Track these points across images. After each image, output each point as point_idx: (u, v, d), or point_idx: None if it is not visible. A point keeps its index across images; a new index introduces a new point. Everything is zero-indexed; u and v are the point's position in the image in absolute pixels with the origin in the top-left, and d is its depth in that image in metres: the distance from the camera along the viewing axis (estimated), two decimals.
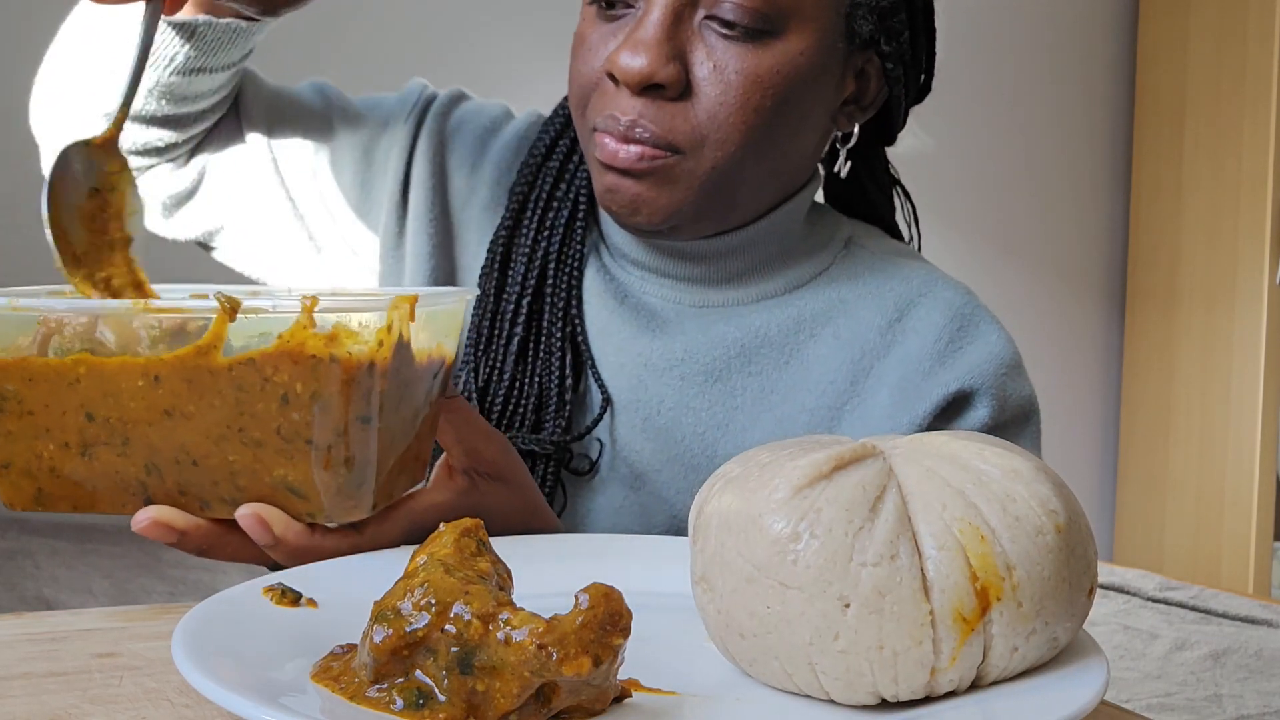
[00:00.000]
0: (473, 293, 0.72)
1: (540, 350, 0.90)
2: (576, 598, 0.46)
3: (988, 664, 0.50)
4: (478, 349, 0.91)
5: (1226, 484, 3.04)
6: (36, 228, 0.67)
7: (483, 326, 0.91)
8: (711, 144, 0.82)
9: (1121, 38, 3.28)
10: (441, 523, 0.69)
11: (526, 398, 0.89)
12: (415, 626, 0.46)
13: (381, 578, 0.53)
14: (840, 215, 0.98)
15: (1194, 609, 2.38)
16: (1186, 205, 3.13)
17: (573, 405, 0.89)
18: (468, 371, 0.91)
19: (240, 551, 0.65)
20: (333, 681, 0.49)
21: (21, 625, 0.60)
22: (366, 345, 0.60)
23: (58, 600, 1.74)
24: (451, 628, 0.46)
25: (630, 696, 0.50)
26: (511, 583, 0.53)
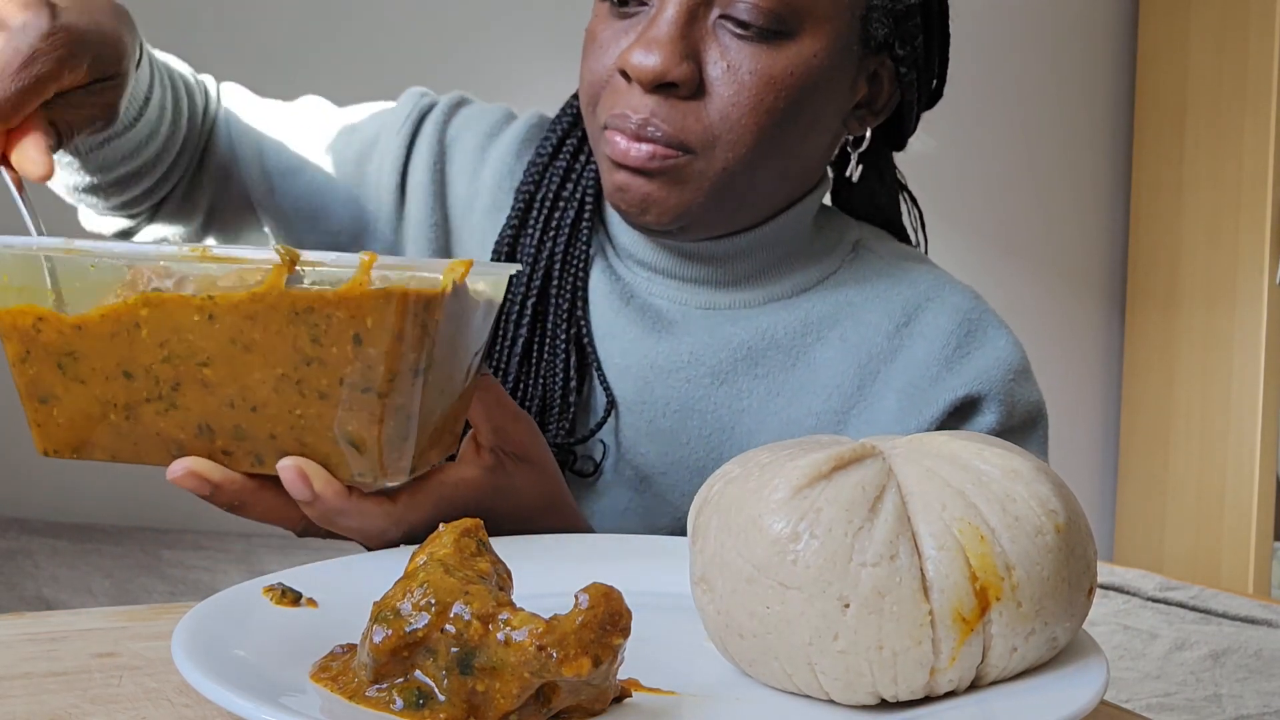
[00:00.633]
0: (516, 267, 0.72)
1: (545, 352, 0.90)
2: (576, 598, 0.46)
3: (987, 664, 0.50)
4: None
5: (1226, 484, 3.04)
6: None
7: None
8: (723, 144, 0.82)
9: (1121, 38, 3.28)
10: (468, 498, 0.69)
11: (531, 399, 0.89)
12: (415, 627, 0.46)
13: (381, 578, 0.53)
14: (849, 218, 0.97)
15: (1194, 609, 2.38)
16: (1186, 205, 3.13)
17: (577, 407, 0.89)
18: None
19: (271, 511, 0.65)
20: (331, 681, 0.49)
21: (21, 625, 0.60)
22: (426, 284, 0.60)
23: (58, 600, 1.74)
24: (451, 628, 0.46)
25: (630, 696, 0.50)
26: (511, 583, 0.53)
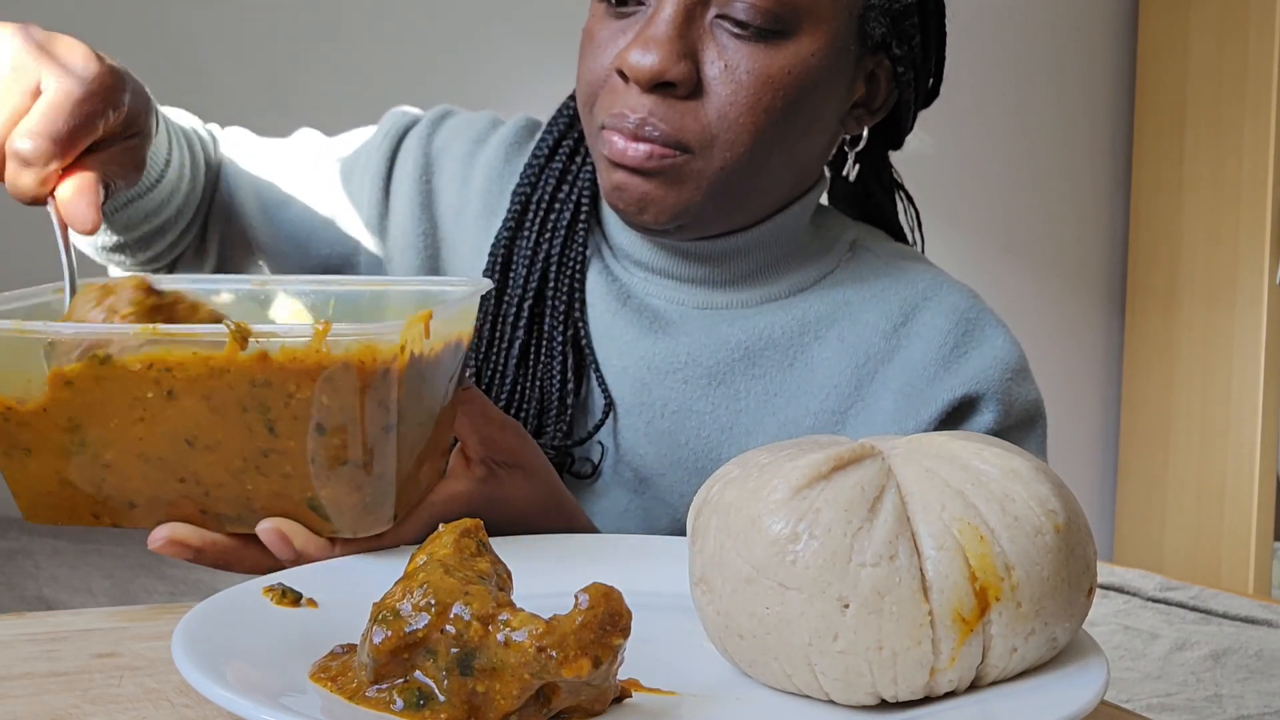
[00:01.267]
0: (488, 285, 0.72)
1: (542, 354, 0.89)
2: (576, 598, 0.46)
3: (987, 664, 0.50)
4: (479, 352, 0.91)
5: (1226, 484, 3.03)
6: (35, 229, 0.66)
7: (484, 330, 0.91)
8: (721, 144, 0.82)
9: (1121, 38, 3.28)
10: (462, 513, 0.69)
11: (528, 402, 0.89)
12: (415, 627, 0.47)
13: (381, 578, 0.53)
14: (846, 218, 0.97)
15: (1194, 609, 2.38)
16: (1186, 205, 3.13)
17: (574, 409, 0.89)
18: (469, 375, 0.90)
19: (258, 566, 0.65)
20: (330, 681, 0.49)
21: (22, 625, 0.60)
22: (384, 353, 0.60)
23: (58, 600, 1.74)
24: (451, 628, 0.46)
25: (630, 696, 0.50)
26: (511, 583, 0.53)
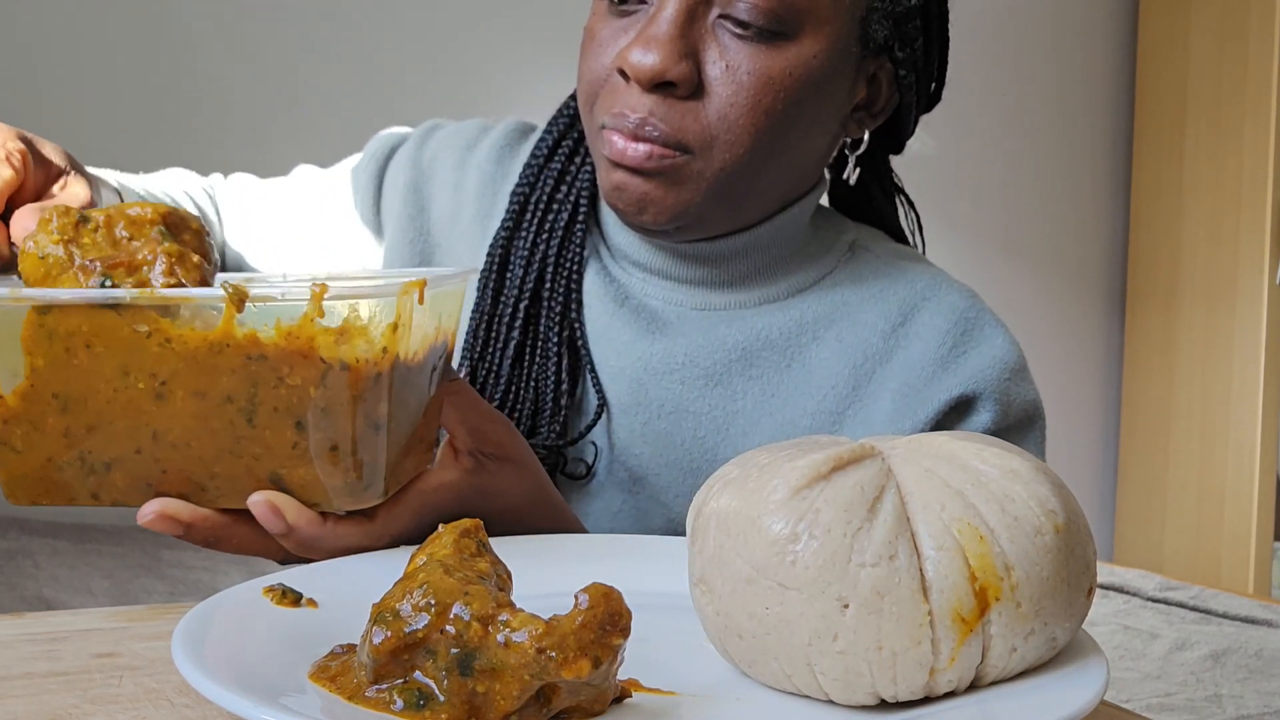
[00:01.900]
0: (475, 271, 0.71)
1: (537, 354, 0.89)
2: (576, 598, 0.46)
3: (987, 664, 0.50)
4: (474, 352, 0.91)
5: (1226, 484, 3.04)
6: None
7: (479, 330, 0.91)
8: (721, 144, 0.81)
9: (1121, 38, 3.28)
10: (450, 502, 0.69)
11: (522, 402, 0.89)
12: (414, 628, 0.47)
13: (381, 578, 0.53)
14: (845, 219, 0.97)
15: (1194, 609, 2.38)
16: (1186, 205, 3.13)
17: (569, 410, 0.89)
18: (464, 374, 0.90)
19: (248, 543, 0.65)
20: (329, 681, 0.49)
21: (22, 625, 0.60)
22: (373, 349, 0.60)
23: (58, 600, 1.74)
24: (451, 629, 0.46)
25: (630, 696, 0.50)
26: (511, 583, 0.53)
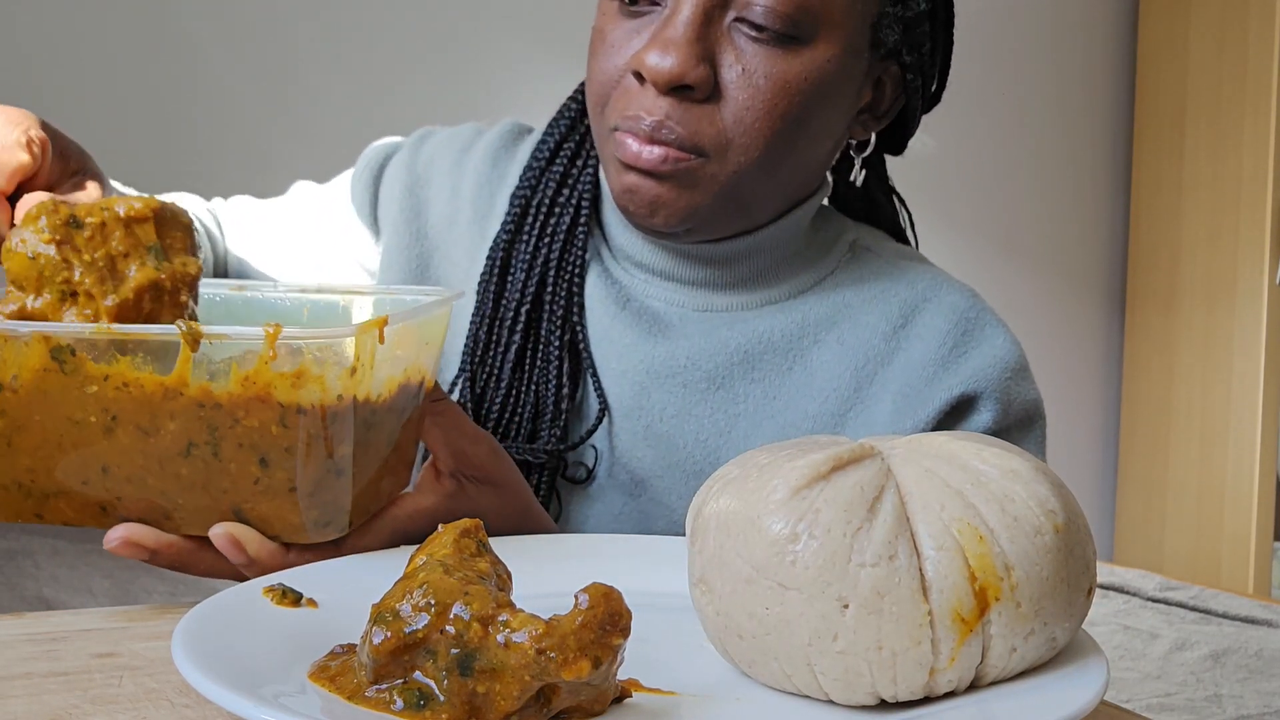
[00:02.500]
0: (457, 295, 0.71)
1: (538, 358, 0.89)
2: (576, 598, 0.46)
3: (986, 664, 0.50)
4: (474, 357, 0.90)
5: (1226, 484, 3.03)
6: None
7: (480, 334, 0.90)
8: (736, 148, 0.81)
9: (1121, 38, 3.28)
10: (425, 529, 0.68)
11: (523, 406, 0.88)
12: (414, 628, 0.47)
13: (381, 578, 0.53)
14: (846, 219, 0.97)
15: (1194, 609, 2.38)
16: (1186, 205, 3.13)
17: (570, 414, 0.88)
18: (463, 380, 0.90)
19: (214, 567, 0.65)
20: (329, 681, 0.49)
21: (22, 625, 0.60)
22: (328, 394, 0.59)
23: (58, 600, 1.74)
24: (451, 629, 0.46)
25: (630, 696, 0.50)
26: (511, 583, 0.53)
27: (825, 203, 0.99)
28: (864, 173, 0.95)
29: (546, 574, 0.63)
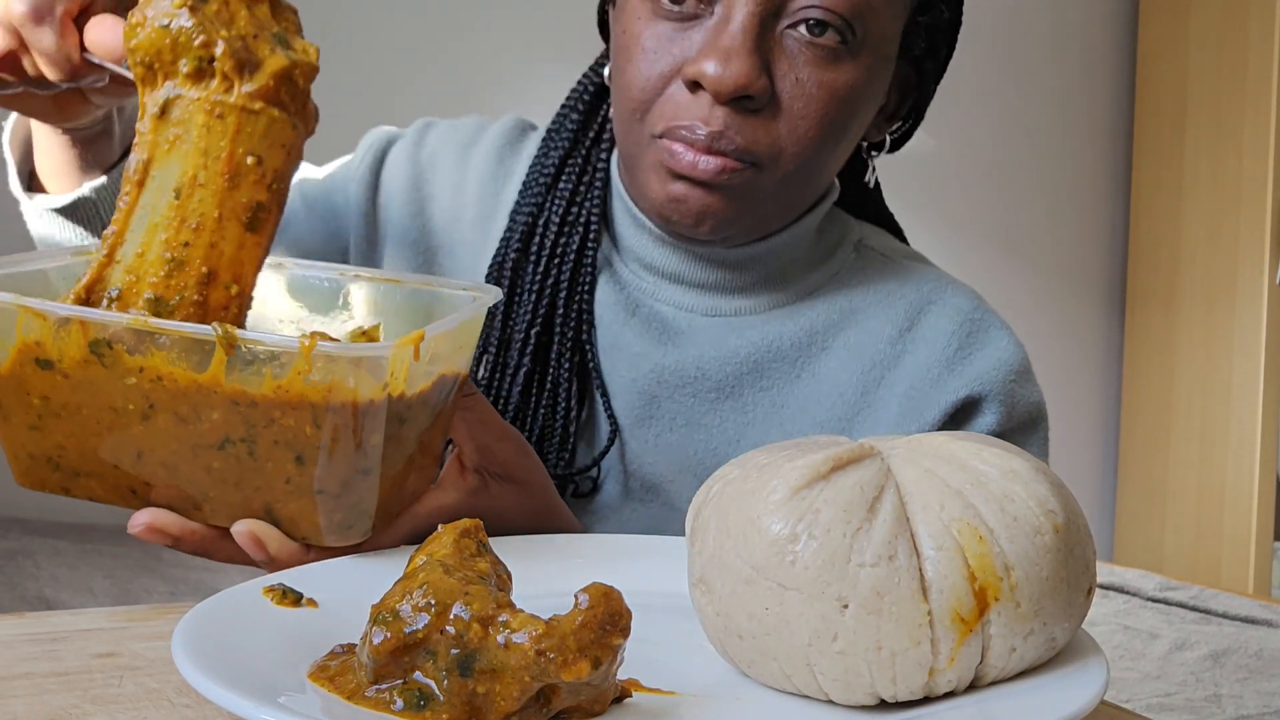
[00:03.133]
0: (495, 297, 0.70)
1: (548, 382, 0.88)
2: (576, 597, 0.46)
3: (986, 664, 0.50)
4: (477, 376, 0.89)
5: (1226, 484, 3.03)
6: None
7: (487, 358, 0.89)
8: (787, 158, 0.81)
9: (1121, 38, 3.28)
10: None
11: (532, 428, 0.88)
12: (414, 628, 0.47)
13: (381, 578, 0.53)
14: (848, 216, 0.97)
15: (1194, 609, 2.38)
16: (1186, 205, 3.13)
17: (579, 433, 0.88)
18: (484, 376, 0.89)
19: (235, 557, 0.65)
20: (329, 681, 0.49)
21: (22, 625, 0.60)
22: (362, 402, 0.59)
23: (58, 600, 1.74)
24: (451, 629, 0.46)
25: (630, 696, 0.50)
26: (511, 583, 0.53)
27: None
28: (875, 174, 0.95)
29: (546, 574, 0.63)
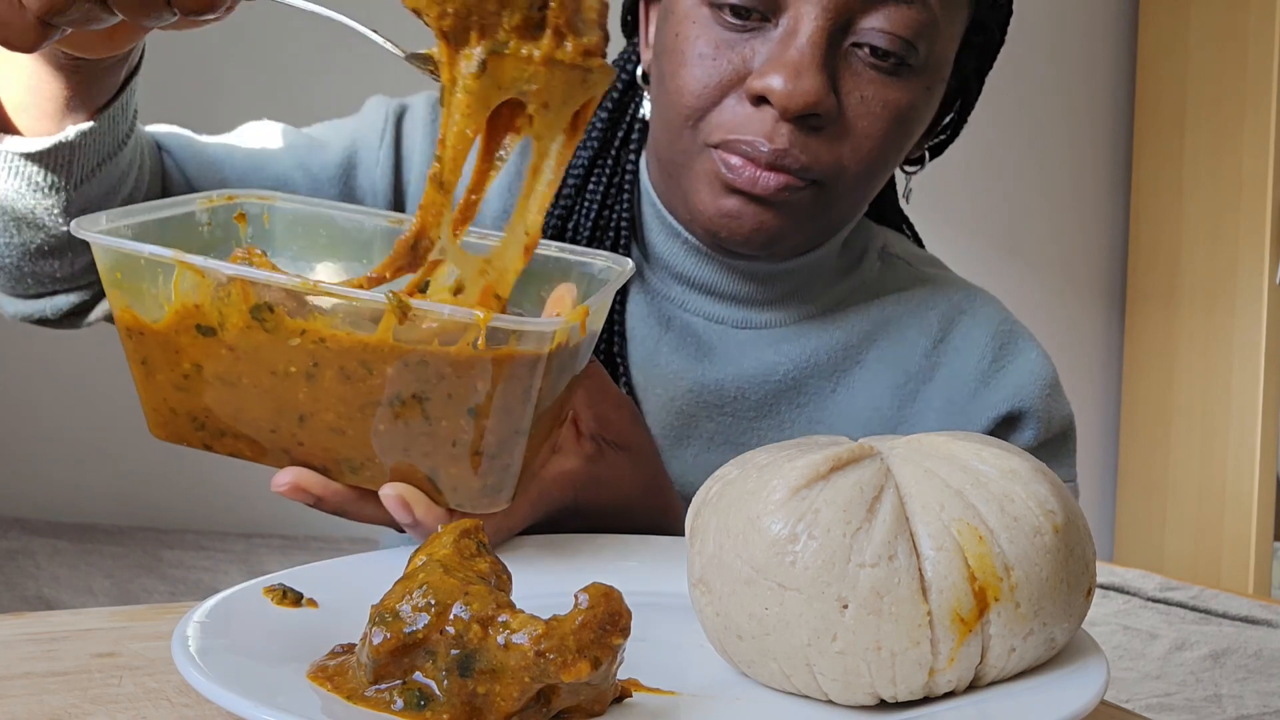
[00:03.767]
0: (630, 270, 0.68)
1: None
2: (576, 597, 0.46)
3: (986, 664, 0.50)
4: None
5: (1226, 484, 3.04)
6: None
7: None
8: (849, 176, 0.79)
9: (1121, 38, 3.28)
10: (568, 493, 0.69)
11: None
12: (414, 628, 0.47)
13: (381, 578, 0.53)
14: (870, 223, 0.97)
15: (1194, 609, 2.38)
16: (1186, 205, 3.13)
17: None
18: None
19: (374, 518, 0.64)
20: (328, 681, 0.49)
21: (22, 625, 0.60)
22: (529, 353, 0.58)
23: (58, 600, 1.74)
24: (451, 629, 0.46)
25: (630, 696, 0.50)
26: (511, 583, 0.53)
27: None
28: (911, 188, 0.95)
29: (546, 574, 0.63)
